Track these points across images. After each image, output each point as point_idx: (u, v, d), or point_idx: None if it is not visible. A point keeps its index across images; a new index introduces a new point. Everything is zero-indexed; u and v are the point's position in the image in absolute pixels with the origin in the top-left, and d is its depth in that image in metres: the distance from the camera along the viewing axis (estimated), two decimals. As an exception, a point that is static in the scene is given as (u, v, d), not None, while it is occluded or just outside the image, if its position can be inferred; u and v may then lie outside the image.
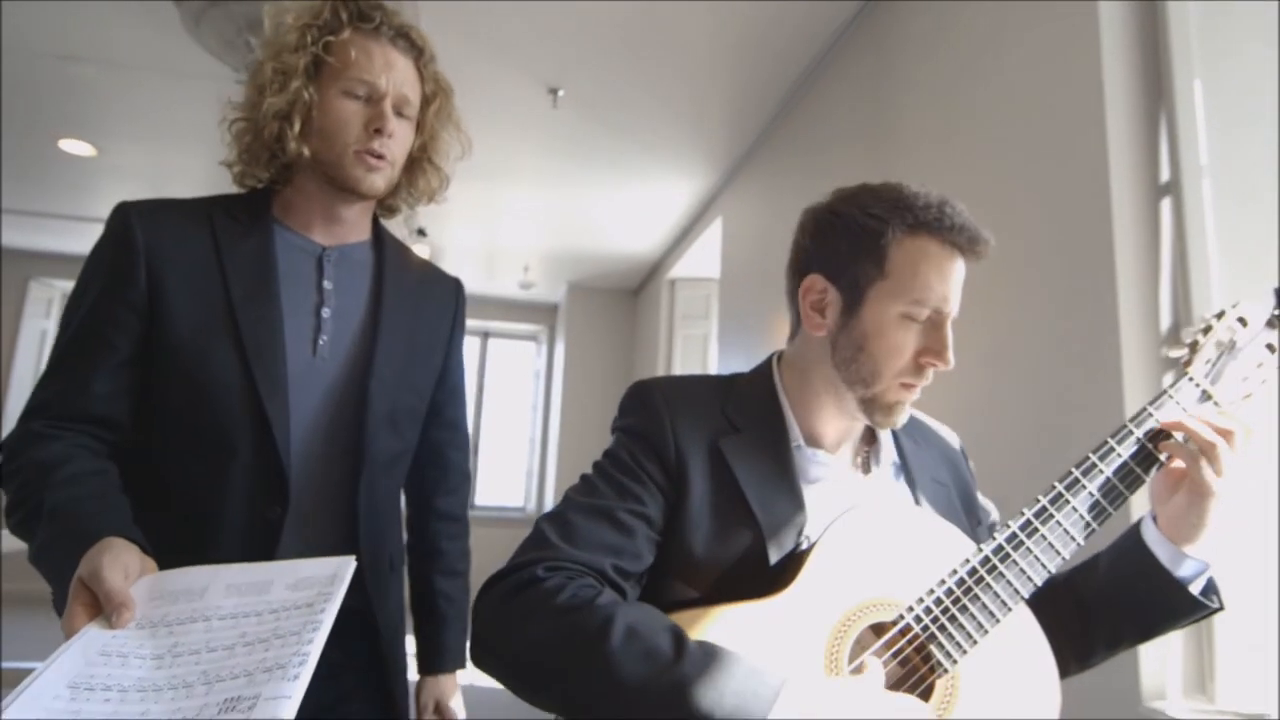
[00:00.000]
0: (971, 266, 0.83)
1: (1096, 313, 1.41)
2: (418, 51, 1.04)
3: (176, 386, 0.93)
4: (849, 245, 0.83)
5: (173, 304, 0.93)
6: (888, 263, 0.80)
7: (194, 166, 4.31)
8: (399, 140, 1.01)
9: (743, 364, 0.82)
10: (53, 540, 0.78)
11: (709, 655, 0.65)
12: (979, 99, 1.88)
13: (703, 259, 4.95)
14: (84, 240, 5.73)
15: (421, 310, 1.12)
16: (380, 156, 0.99)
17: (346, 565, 0.74)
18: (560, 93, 3.20)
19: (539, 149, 3.89)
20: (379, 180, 1.01)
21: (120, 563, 0.72)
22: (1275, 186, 1.30)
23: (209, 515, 0.90)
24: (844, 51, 2.70)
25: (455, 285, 1.21)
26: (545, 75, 3.12)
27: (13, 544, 1.96)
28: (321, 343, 1.00)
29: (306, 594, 0.71)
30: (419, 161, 1.10)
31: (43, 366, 0.93)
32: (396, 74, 1.00)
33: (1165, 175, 1.40)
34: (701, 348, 5.48)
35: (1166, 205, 1.39)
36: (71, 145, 4.00)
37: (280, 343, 0.95)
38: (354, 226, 1.07)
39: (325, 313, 1.01)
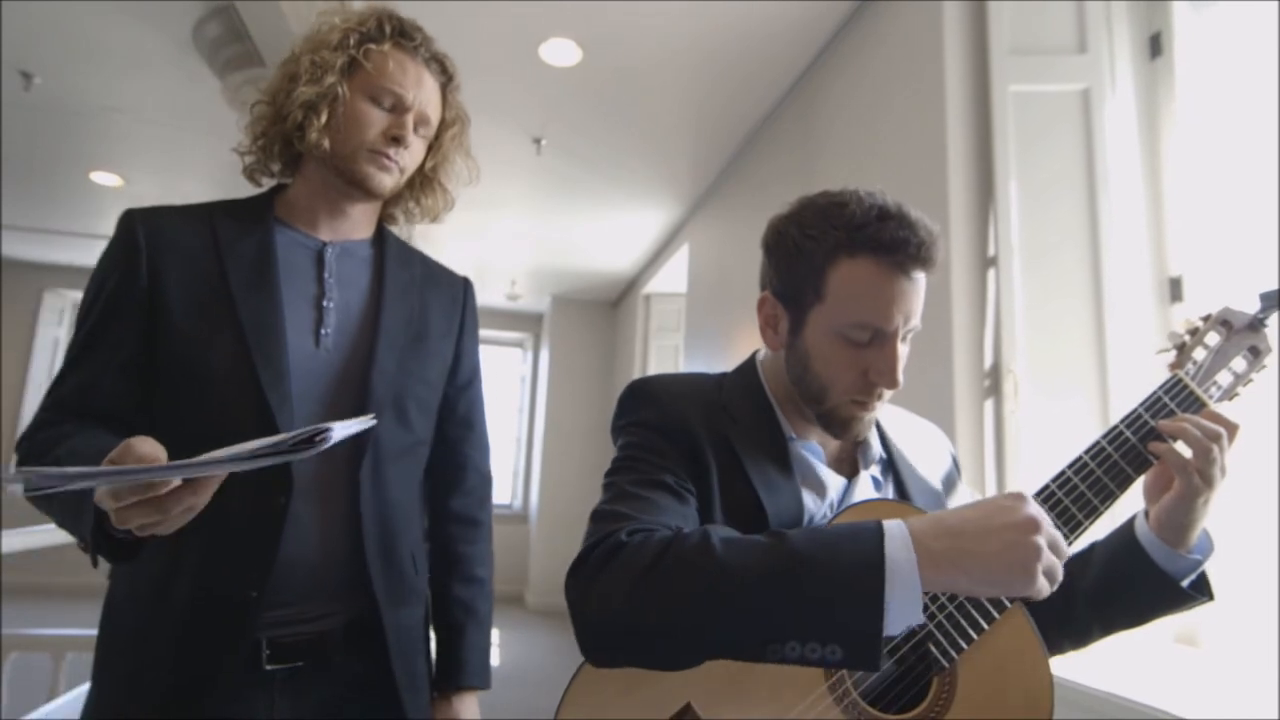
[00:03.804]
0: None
1: (937, 353, 1.88)
2: (447, 78, 1.07)
3: (178, 377, 0.92)
4: (789, 265, 0.81)
5: (172, 295, 0.93)
6: (824, 287, 0.78)
7: (206, 196, 4.69)
8: (412, 153, 1.04)
9: (704, 371, 0.94)
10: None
11: (808, 530, 0.65)
12: (863, 173, 2.37)
13: (674, 277, 5.18)
14: (97, 254, 6.11)
15: (427, 303, 1.10)
16: (393, 160, 1.01)
17: (365, 421, 0.71)
18: (543, 142, 3.56)
19: (525, 185, 4.23)
20: (387, 180, 1.01)
21: (150, 442, 0.69)
22: (1061, 264, 1.79)
23: (212, 506, 0.76)
24: (782, 114, 3.21)
25: (463, 283, 1.19)
26: (530, 128, 3.50)
27: (13, 544, 2.10)
28: (324, 334, 0.98)
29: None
30: (430, 181, 1.11)
31: (56, 371, 0.95)
32: (424, 93, 1.02)
33: (992, 251, 1.88)
34: (674, 357, 5.70)
35: (992, 274, 1.87)
36: (101, 176, 4.39)
37: (281, 331, 0.94)
38: (357, 224, 1.07)
39: (327, 305, 1.00)
